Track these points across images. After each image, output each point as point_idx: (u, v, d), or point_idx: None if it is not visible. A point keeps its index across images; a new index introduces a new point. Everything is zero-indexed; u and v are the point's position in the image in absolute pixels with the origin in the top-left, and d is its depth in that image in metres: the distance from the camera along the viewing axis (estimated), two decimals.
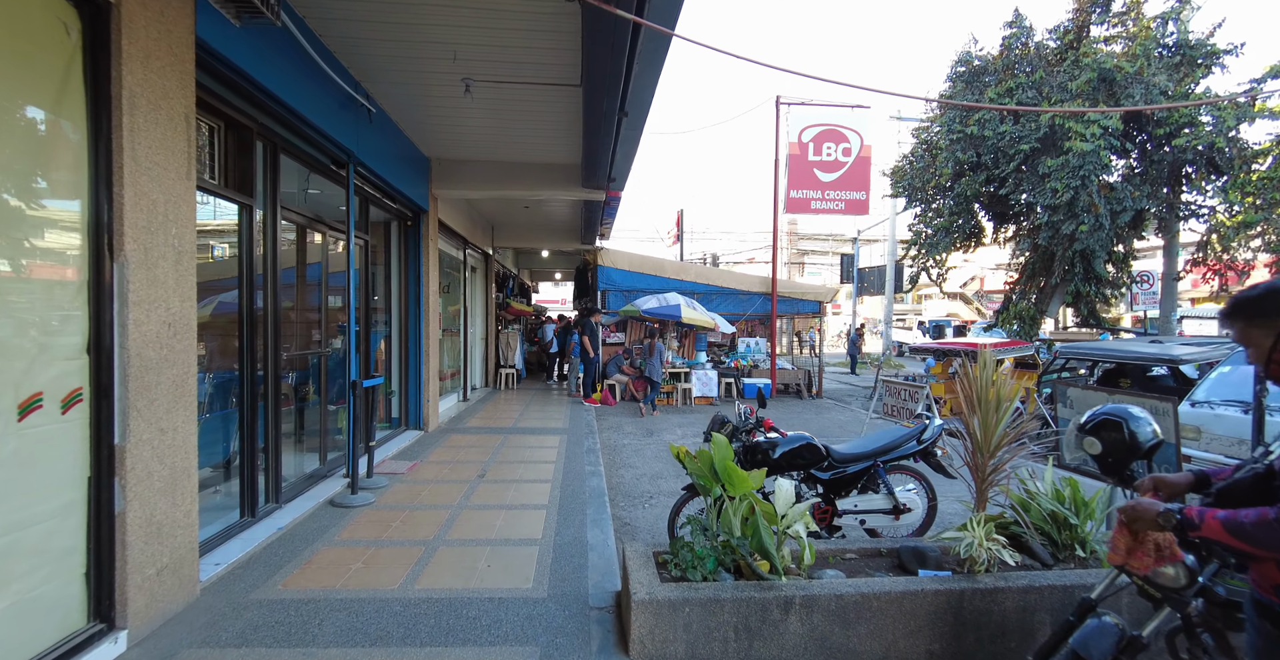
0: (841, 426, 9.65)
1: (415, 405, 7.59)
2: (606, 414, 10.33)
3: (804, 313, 13.65)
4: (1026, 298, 14.88)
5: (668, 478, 6.22)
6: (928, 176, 14.79)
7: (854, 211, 13.41)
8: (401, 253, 7.54)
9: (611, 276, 12.80)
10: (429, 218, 7.67)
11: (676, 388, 11.63)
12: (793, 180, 13.10)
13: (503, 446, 6.92)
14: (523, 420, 8.80)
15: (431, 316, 7.71)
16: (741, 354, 13.40)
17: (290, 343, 5.40)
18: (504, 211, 11.15)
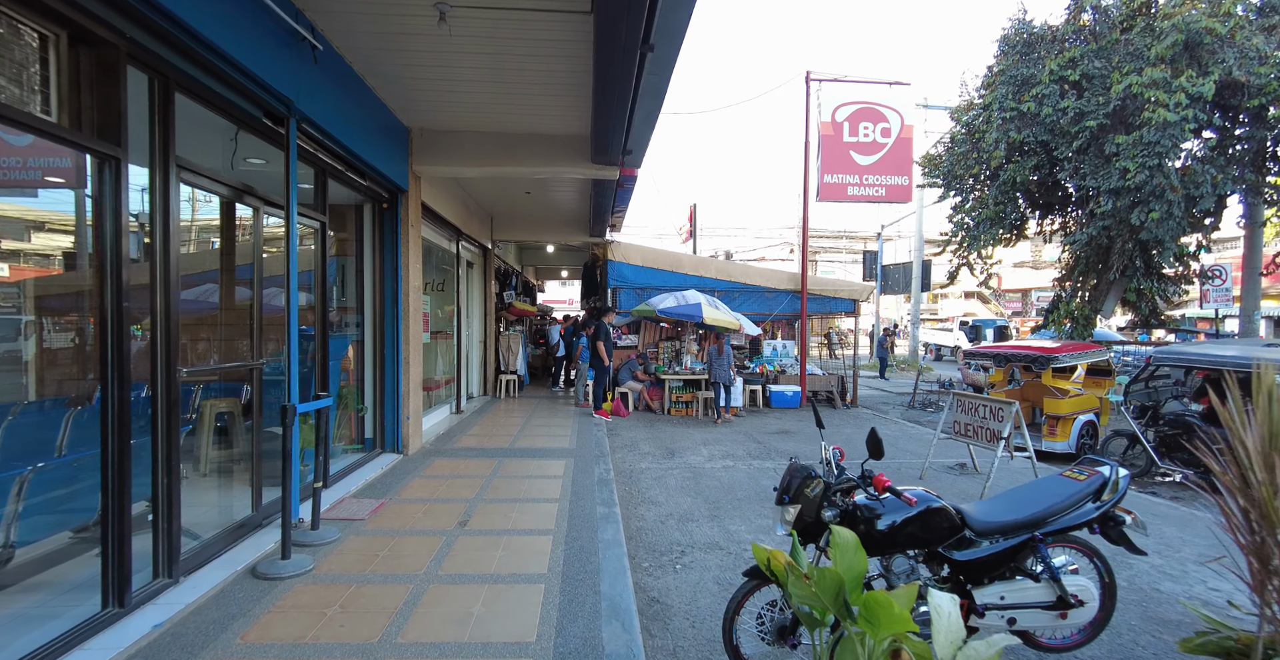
0: (892, 443, 8.32)
1: (392, 423, 6.34)
2: (619, 428, 9.06)
3: (836, 312, 12.32)
4: (1079, 295, 13.47)
5: (699, 520, 4.94)
6: (969, 162, 13.41)
7: (895, 198, 12.08)
8: (376, 241, 6.30)
9: (623, 272, 11.53)
10: (409, 200, 6.43)
11: (697, 397, 10.34)
12: (826, 163, 11.78)
13: (495, 476, 5.66)
14: (523, 438, 7.54)
15: (413, 317, 6.46)
16: (767, 358, 12.09)
17: (211, 352, 4.16)
18: (503, 198, 9.90)
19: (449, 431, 7.84)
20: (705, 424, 9.63)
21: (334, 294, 6.29)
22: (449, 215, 8.25)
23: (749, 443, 8.20)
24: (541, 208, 10.47)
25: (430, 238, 8.06)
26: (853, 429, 9.48)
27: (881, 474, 2.59)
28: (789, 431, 9.07)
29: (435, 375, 9.09)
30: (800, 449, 7.80)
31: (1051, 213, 14.52)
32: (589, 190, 8.63)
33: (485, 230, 10.93)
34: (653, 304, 10.34)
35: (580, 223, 11.49)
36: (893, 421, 10.46)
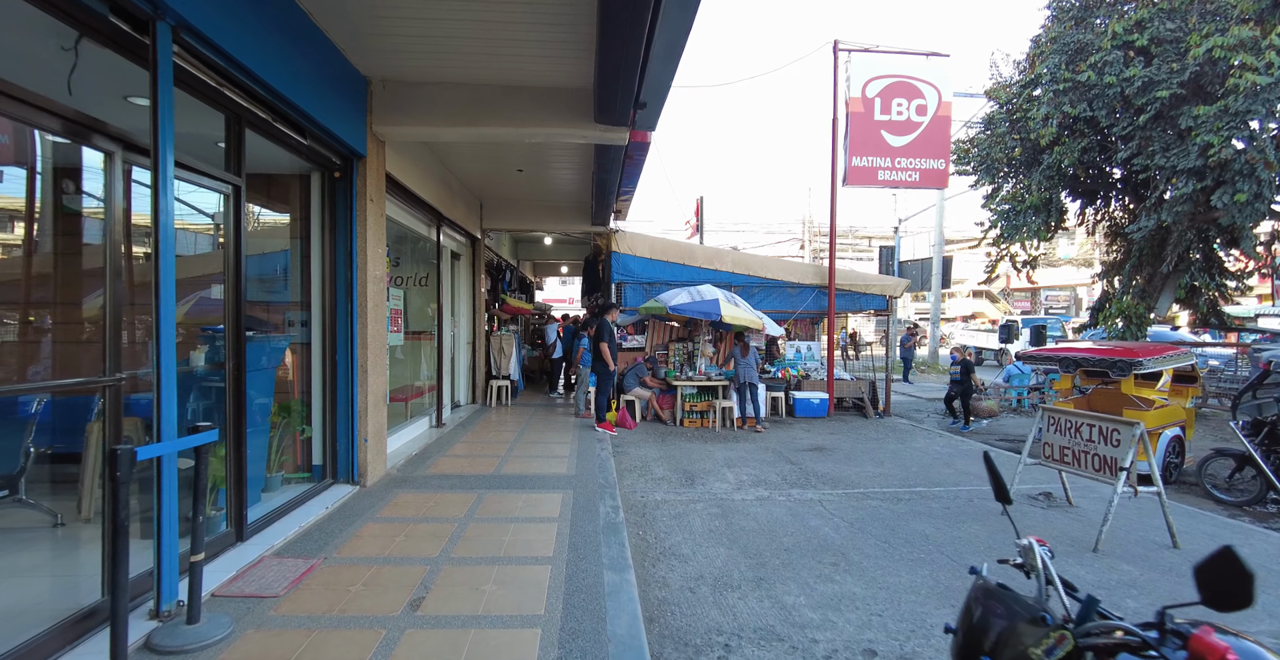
0: (947, 462, 7.03)
1: (346, 447, 5.08)
2: (626, 443, 7.80)
3: (865, 310, 11.05)
4: (1131, 291, 12.21)
5: (742, 587, 3.67)
6: (1008, 145, 12.16)
7: (930, 184, 10.81)
8: (326, 220, 5.04)
9: (629, 266, 10.27)
10: (368, 169, 5.17)
11: (714, 406, 9.07)
12: (855, 144, 10.51)
13: (472, 519, 4.39)
14: (512, 460, 6.28)
15: (372, 314, 5.20)
16: (790, 361, 10.82)
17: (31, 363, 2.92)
18: (492, 178, 8.64)
19: (424, 451, 6.57)
20: (725, 438, 8.36)
21: (283, 284, 5.04)
22: (426, 195, 6.99)
23: (780, 463, 6.93)
24: (537, 190, 9.20)
25: (402, 220, 6.80)
26: (893, 443, 8.20)
27: (1209, 632, 1.26)
28: (823, 449, 7.80)
29: (417, 381, 7.85)
30: (847, 475, 6.53)
31: (1095, 201, 13.28)
32: (591, 166, 7.37)
33: (473, 217, 9.66)
34: (663, 300, 9.09)
35: (581, 209, 10.22)
36: (935, 433, 9.19)
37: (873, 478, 6.36)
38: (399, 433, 6.72)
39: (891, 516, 5.08)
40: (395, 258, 7.94)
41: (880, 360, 16.10)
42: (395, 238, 7.50)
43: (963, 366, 10.18)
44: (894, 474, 6.54)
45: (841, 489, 5.91)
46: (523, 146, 6.98)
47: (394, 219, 6.53)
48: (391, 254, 6.85)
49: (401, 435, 6.78)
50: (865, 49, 10.59)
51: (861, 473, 6.56)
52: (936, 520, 5.00)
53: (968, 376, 10.10)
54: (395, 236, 7.43)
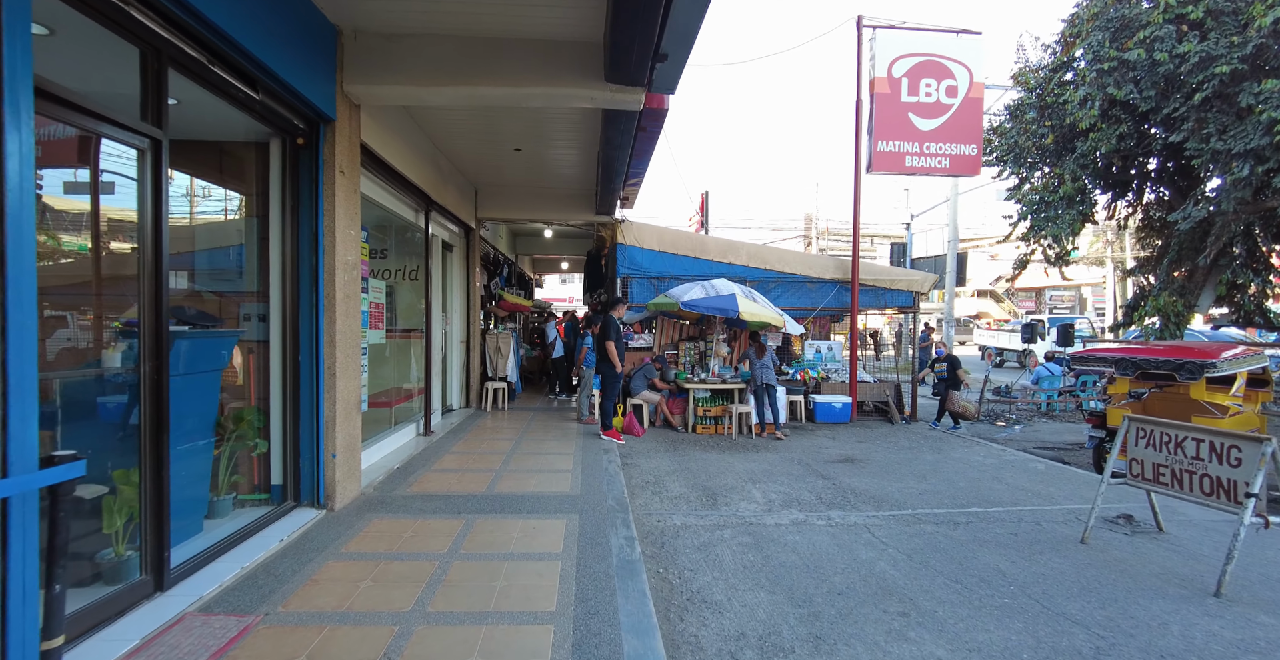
0: (995, 475, 6.24)
1: (310, 465, 4.30)
2: (635, 452, 7.01)
3: (891, 308, 10.28)
4: (1170, 288, 11.43)
5: (797, 651, 2.89)
6: (1040, 132, 11.38)
7: (961, 171, 10.03)
8: (287, 195, 4.25)
9: (636, 258, 9.49)
10: (338, 136, 4.38)
11: (730, 411, 8.28)
12: (881, 128, 9.73)
13: (455, 556, 3.61)
14: (507, 475, 5.49)
15: (342, 307, 4.42)
16: (809, 362, 10.04)
17: None
18: (487, 160, 7.86)
19: (409, 464, 5.79)
20: (743, 447, 7.57)
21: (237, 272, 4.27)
22: (412, 174, 6.20)
23: (810, 478, 6.16)
24: (536, 175, 8.42)
25: (384, 203, 6.02)
26: (930, 454, 7.42)
27: None
28: (855, 460, 7.02)
29: (403, 384, 7.08)
30: (889, 492, 5.75)
31: (1127, 192, 12.50)
32: (596, 144, 6.59)
33: (467, 205, 8.88)
34: (674, 296, 8.31)
35: (584, 197, 9.44)
36: (971, 441, 8.41)
37: (919, 496, 5.58)
38: (380, 443, 5.94)
39: (954, 546, 4.30)
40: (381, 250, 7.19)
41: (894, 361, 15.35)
42: (376, 223, 6.72)
43: (949, 362, 9.39)
44: (941, 491, 5.76)
45: (887, 510, 5.13)
46: (520, 120, 6.20)
47: (373, 200, 5.74)
48: (370, 240, 6.08)
49: (383, 445, 6.00)
50: (891, 25, 9.82)
51: (904, 490, 5.78)
52: (1008, 551, 4.23)
53: (955, 373, 9.31)
54: (376, 222, 6.65)
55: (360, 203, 4.77)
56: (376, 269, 7.55)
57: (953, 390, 9.28)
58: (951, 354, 9.61)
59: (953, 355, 9.58)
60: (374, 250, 7.52)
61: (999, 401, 11.89)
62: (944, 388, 9.39)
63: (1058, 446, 8.99)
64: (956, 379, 9.30)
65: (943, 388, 9.42)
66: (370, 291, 5.76)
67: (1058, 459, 7.94)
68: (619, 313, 7.66)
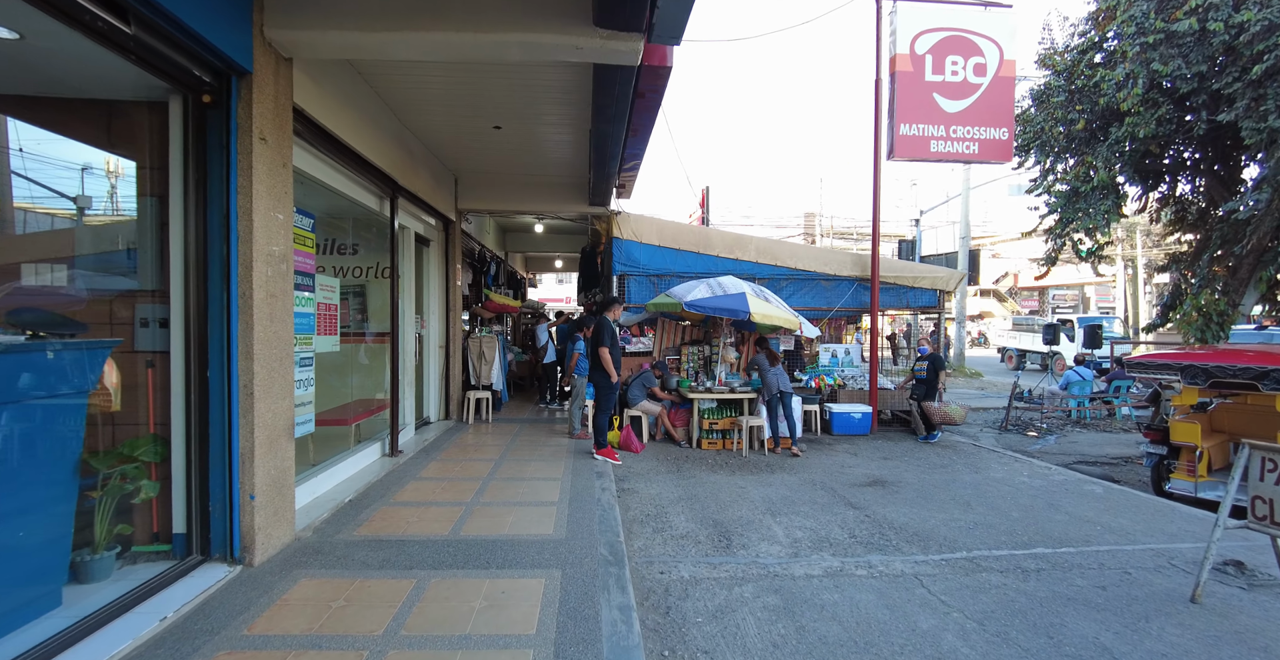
0: (1051, 501, 5.34)
1: (220, 508, 3.39)
2: (633, 474, 6.11)
3: (914, 307, 9.40)
4: (1212, 285, 10.57)
5: None
6: (1071, 117, 10.52)
7: (991, 157, 9.14)
8: (191, 169, 3.35)
9: (633, 254, 8.61)
10: (258, 93, 3.48)
11: (739, 424, 7.38)
12: (904, 109, 8.85)
13: (392, 641, 2.70)
14: (478, 512, 4.59)
15: (264, 309, 3.51)
16: (825, 368, 9.16)
17: None
18: (465, 142, 6.95)
19: (365, 495, 4.89)
20: (756, 466, 6.68)
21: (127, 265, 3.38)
22: (373, 154, 5.31)
23: (838, 507, 5.27)
24: (521, 157, 7.51)
25: (335, 185, 5.11)
26: (967, 474, 6.53)
27: None
28: (885, 483, 6.14)
29: (367, 396, 6.20)
30: (933, 525, 4.85)
31: (1160, 183, 11.66)
32: (588, 120, 5.69)
33: (444, 194, 7.97)
34: (676, 295, 7.42)
35: (576, 186, 8.54)
36: (1006, 455, 7.52)
37: (969, 531, 4.69)
38: (331, 469, 5.03)
39: (1033, 607, 3.41)
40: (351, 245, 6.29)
41: None
42: (329, 212, 5.83)
43: (931, 362, 8.37)
44: (994, 524, 4.88)
45: (937, 552, 4.25)
46: (498, 87, 5.30)
47: (320, 182, 4.84)
48: (321, 231, 5.19)
49: (335, 472, 5.09)
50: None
51: (951, 523, 4.89)
52: (1104, 615, 3.34)
53: (936, 375, 8.35)
54: (329, 210, 5.75)
55: (294, 181, 3.87)
56: (333, 265, 6.67)
57: (926, 400, 8.30)
58: (935, 353, 8.53)
59: (936, 355, 8.51)
60: (334, 243, 6.64)
61: (1026, 408, 11.02)
62: (921, 390, 8.39)
63: (1101, 461, 8.12)
64: (934, 384, 8.32)
65: (921, 390, 8.41)
66: (320, 290, 4.87)
67: (1107, 477, 7.07)
68: (614, 314, 6.77)
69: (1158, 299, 32.69)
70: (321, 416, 5.61)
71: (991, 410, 12.23)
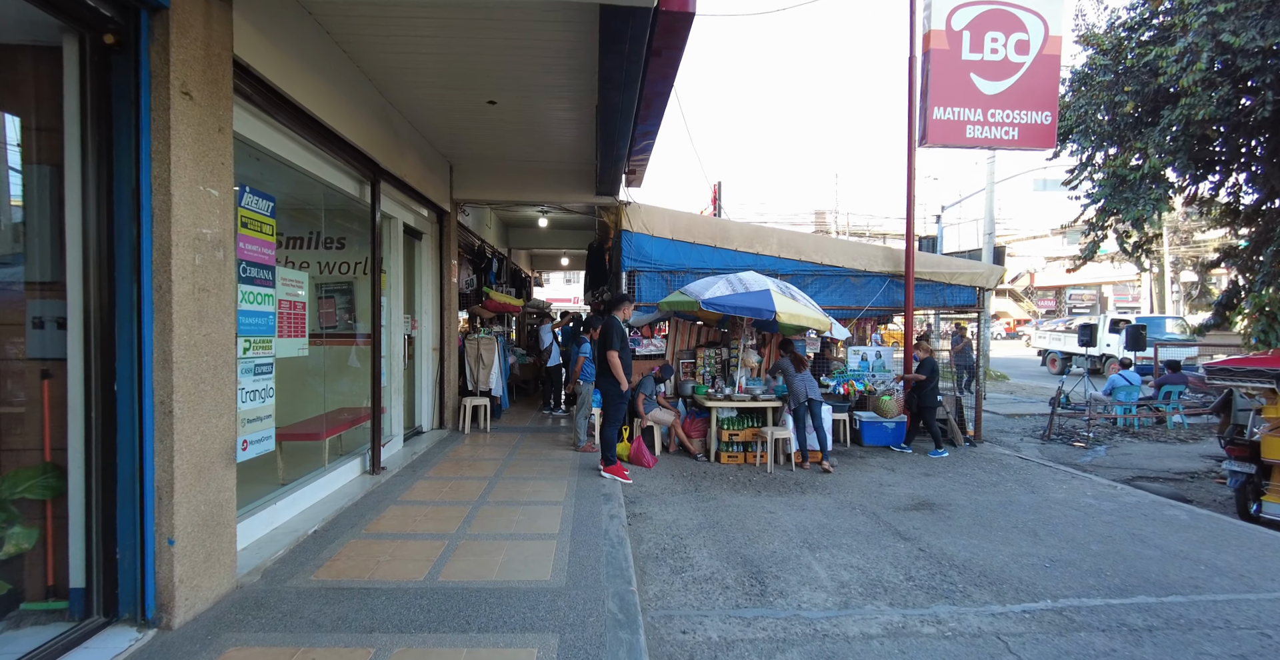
0: (1141, 537, 4.55)
1: (129, 554, 2.70)
2: (646, 495, 5.38)
3: (952, 306, 8.61)
4: (1276, 283, 9.71)
5: None
6: (1119, 99, 9.69)
7: (1031, 143, 8.34)
8: (91, 131, 2.65)
9: (644, 248, 7.89)
10: (177, 36, 2.78)
11: (765, 435, 6.63)
12: (938, 91, 8.08)
13: None
14: (463, 549, 3.88)
15: (186, 306, 2.82)
16: (855, 372, 8.39)
17: None
18: (458, 119, 6.25)
19: (333, 525, 4.19)
20: (783, 485, 5.93)
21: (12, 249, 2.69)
22: (346, 128, 4.62)
23: (884, 537, 4.52)
24: (521, 139, 6.80)
25: (296, 161, 4.41)
26: (1025, 492, 5.75)
27: None
28: (933, 505, 5.38)
29: (349, 405, 5.52)
30: (1002, 563, 4.09)
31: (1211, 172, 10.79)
32: (594, 91, 4.98)
33: (438, 182, 7.28)
34: (692, 292, 6.69)
35: (581, 173, 7.84)
36: (1060, 470, 6.73)
37: (1046, 570, 3.93)
38: (296, 494, 4.34)
39: None
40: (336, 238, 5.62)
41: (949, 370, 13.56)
42: (299, 196, 5.15)
43: (928, 367, 7.44)
44: (1075, 561, 4.11)
45: (1015, 600, 3.49)
46: (488, 50, 4.58)
47: (280, 158, 4.15)
48: (285, 217, 4.51)
49: (301, 497, 4.39)
50: None
51: (1021, 558, 4.13)
52: None
53: (935, 378, 7.45)
54: (298, 194, 5.08)
55: (247, 156, 3.19)
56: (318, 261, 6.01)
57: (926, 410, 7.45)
58: (931, 359, 7.53)
59: (931, 360, 7.54)
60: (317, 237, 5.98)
61: (1070, 415, 10.20)
62: (917, 400, 7.49)
63: (1165, 476, 7.31)
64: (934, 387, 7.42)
65: (916, 400, 7.51)
66: (283, 285, 4.19)
67: (1179, 497, 6.26)
68: (624, 314, 6.03)
69: (1185, 298, 31.62)
70: (287, 431, 4.94)
71: (1027, 417, 11.42)
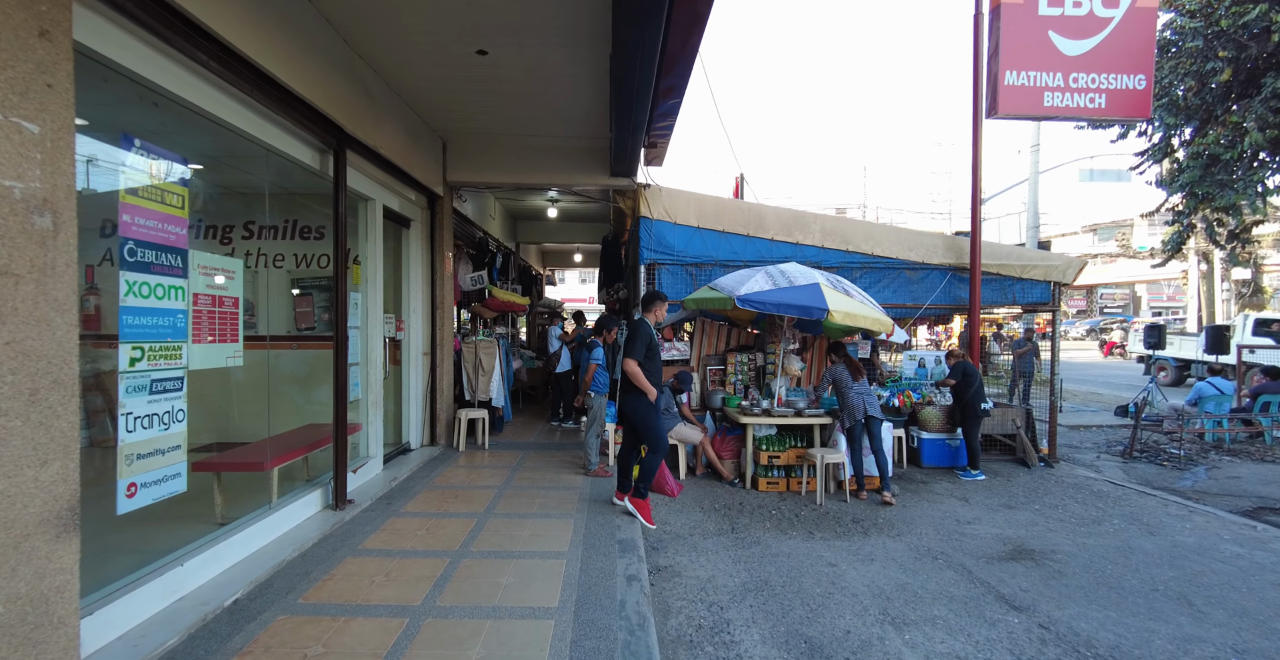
0: None
1: None
2: (670, 537, 4.32)
3: (1023, 304, 7.43)
4: None
5: None
6: (1214, 66, 8.43)
7: (1122, 111, 7.13)
8: None
9: (665, 238, 6.84)
10: None
11: (815, 460, 5.51)
12: (1010, 53, 6.92)
13: None
14: (429, 632, 2.84)
15: None
16: (911, 381, 7.26)
17: None
18: (446, 73, 5.23)
19: (262, 591, 3.18)
20: (838, 522, 4.84)
21: None
22: (293, 78, 3.62)
23: (990, 606, 3.41)
24: (521, 104, 5.77)
25: (216, 111, 3.39)
26: (1140, 533, 4.59)
27: None
28: (1031, 552, 4.26)
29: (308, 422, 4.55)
30: (1149, 645, 2.96)
31: None
32: (605, 38, 3.93)
33: (427, 160, 6.29)
34: (724, 288, 5.63)
35: (593, 149, 6.80)
36: (1174, 502, 5.54)
37: None
38: (218, 547, 3.33)
39: None
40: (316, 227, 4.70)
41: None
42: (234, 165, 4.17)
43: (962, 372, 6.26)
44: (1269, 652, 2.98)
45: None
46: None
47: (188, 104, 3.15)
48: (210, 181, 3.55)
49: (228, 548, 3.39)
50: None
51: (1192, 648, 3.00)
52: None
53: (971, 385, 6.22)
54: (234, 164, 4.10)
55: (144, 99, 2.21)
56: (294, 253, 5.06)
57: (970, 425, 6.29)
58: (965, 362, 6.36)
59: (966, 362, 6.36)
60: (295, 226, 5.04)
61: (1147, 427, 8.95)
62: (960, 412, 6.37)
63: None
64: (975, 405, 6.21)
65: (959, 412, 6.39)
66: (201, 275, 3.22)
67: None
68: (656, 315, 4.72)
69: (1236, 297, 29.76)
70: (222, 460, 3.97)
71: (1093, 429, 10.18)
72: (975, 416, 6.28)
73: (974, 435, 6.34)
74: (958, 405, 6.41)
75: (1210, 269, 28.45)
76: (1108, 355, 27.71)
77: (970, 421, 6.31)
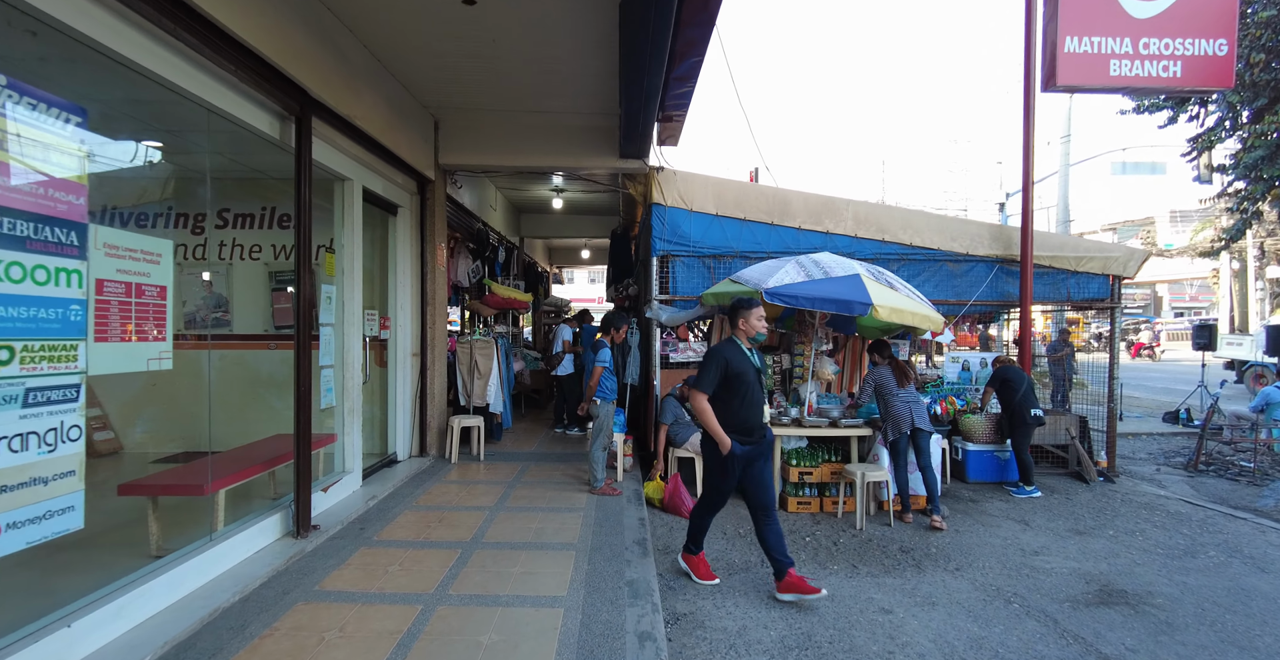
0: None
1: None
2: (689, 588, 3.63)
3: (1077, 300, 6.67)
4: None
5: None
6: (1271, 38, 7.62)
7: (1201, 81, 6.35)
8: None
9: (680, 226, 6.15)
10: None
11: (854, 478, 4.79)
12: (1071, 16, 6.17)
13: None
14: None
15: None
16: (954, 386, 6.53)
17: None
18: (428, 27, 4.57)
19: (186, 648, 2.53)
20: (884, 551, 4.13)
21: None
22: (235, 22, 2.96)
23: None
24: (518, 66, 5.09)
25: (131, 54, 2.74)
26: (1256, 576, 3.85)
27: None
28: (1124, 594, 3.53)
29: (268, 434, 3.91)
30: None
31: None
32: None
33: (415, 139, 5.63)
34: (749, 280, 4.92)
35: (600, 128, 6.12)
36: (1262, 526, 4.79)
37: None
38: (128, 596, 2.67)
39: None
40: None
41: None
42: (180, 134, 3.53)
43: (1000, 380, 5.64)
44: None
45: None
46: None
47: (89, 40, 2.50)
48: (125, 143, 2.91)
49: (146, 596, 2.73)
50: None
51: None
52: None
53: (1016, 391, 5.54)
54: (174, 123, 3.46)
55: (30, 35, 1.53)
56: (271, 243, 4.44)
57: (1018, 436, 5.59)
58: (1004, 368, 5.77)
59: (1005, 368, 5.73)
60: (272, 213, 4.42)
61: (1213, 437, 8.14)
62: (1008, 422, 5.68)
63: None
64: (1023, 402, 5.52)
65: (1006, 422, 5.71)
66: (109, 258, 2.59)
67: None
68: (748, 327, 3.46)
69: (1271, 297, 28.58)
70: (152, 481, 3.33)
71: (1142, 436, 9.38)
72: (1025, 424, 5.55)
73: (1023, 447, 5.61)
74: (1005, 413, 5.69)
75: (1244, 267, 27.32)
76: (1135, 357, 26.61)
77: (1019, 430, 5.58)
